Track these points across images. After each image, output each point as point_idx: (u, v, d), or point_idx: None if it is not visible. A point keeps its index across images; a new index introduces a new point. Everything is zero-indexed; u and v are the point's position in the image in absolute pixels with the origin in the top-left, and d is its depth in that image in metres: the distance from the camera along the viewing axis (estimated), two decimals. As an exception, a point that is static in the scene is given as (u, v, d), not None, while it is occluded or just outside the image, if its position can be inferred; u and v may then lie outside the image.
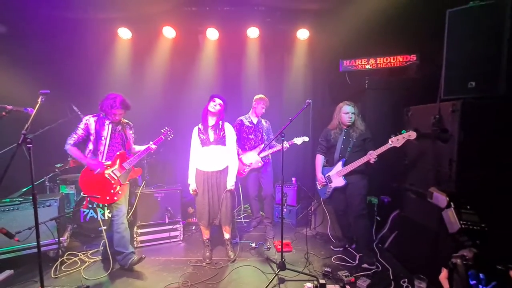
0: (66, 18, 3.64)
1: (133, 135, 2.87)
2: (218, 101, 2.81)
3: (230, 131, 2.94)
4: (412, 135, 2.45)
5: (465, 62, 2.18)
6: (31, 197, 2.03)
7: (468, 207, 1.32)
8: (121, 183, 2.65)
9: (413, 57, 3.48)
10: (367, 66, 3.71)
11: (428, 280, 2.25)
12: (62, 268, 2.72)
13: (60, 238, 2.83)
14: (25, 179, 2.05)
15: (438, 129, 2.28)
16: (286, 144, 3.18)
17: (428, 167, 2.51)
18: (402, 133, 2.49)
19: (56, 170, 3.53)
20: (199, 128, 2.90)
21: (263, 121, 3.60)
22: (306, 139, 3.30)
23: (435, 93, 2.43)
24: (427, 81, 2.97)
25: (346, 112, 2.86)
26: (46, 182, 3.48)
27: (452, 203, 1.34)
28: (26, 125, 1.94)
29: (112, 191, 2.61)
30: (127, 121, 2.82)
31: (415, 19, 3.30)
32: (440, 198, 1.43)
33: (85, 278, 2.57)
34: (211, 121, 2.86)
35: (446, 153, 2.24)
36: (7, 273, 2.60)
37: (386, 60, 3.61)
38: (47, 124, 3.39)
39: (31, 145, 1.90)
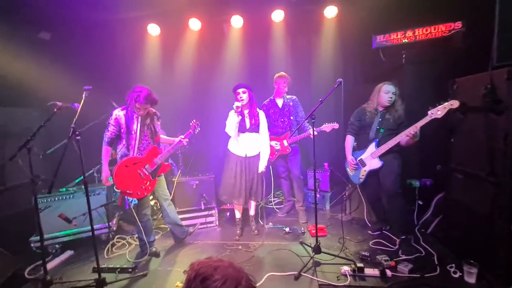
0: (101, 19, 3.86)
1: (159, 124, 2.84)
2: (241, 91, 2.81)
3: (263, 119, 2.97)
4: (455, 103, 2.27)
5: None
6: (83, 186, 2.24)
7: None
8: (151, 179, 2.68)
9: (458, 25, 3.10)
10: (404, 40, 3.40)
11: (480, 265, 2.08)
12: (113, 250, 3.01)
13: (110, 223, 3.10)
14: (78, 170, 2.24)
15: (491, 100, 2.03)
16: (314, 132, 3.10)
17: (478, 143, 2.26)
18: (441, 104, 2.31)
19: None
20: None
21: (289, 102, 3.43)
22: (336, 126, 3.13)
23: (483, 63, 2.17)
24: (474, 50, 2.65)
25: (387, 91, 2.71)
26: (95, 174, 3.80)
27: None
28: (74, 119, 2.12)
29: (142, 187, 2.64)
30: (154, 111, 2.75)
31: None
32: None
33: (130, 260, 2.80)
34: (245, 110, 2.90)
35: (500, 127, 2.00)
36: (68, 253, 2.94)
37: (426, 30, 3.26)
38: (92, 121, 3.68)
39: (79, 137, 2.08)
